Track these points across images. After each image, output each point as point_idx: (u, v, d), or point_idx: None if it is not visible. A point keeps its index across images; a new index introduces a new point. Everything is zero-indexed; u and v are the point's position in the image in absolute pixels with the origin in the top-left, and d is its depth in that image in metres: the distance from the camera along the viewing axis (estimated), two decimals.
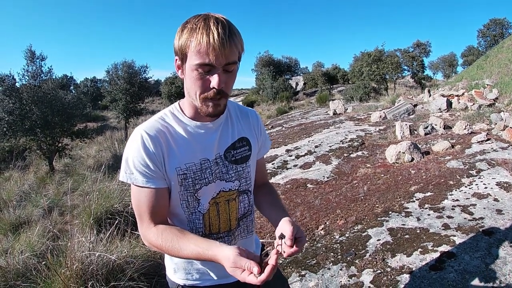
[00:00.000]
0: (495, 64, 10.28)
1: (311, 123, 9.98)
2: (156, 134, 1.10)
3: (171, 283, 1.35)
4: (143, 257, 2.97)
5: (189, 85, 1.07)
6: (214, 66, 0.99)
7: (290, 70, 35.46)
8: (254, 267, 0.91)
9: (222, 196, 1.23)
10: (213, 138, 1.19)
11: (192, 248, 1.04)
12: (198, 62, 0.99)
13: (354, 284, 2.39)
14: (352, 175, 4.89)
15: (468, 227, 2.82)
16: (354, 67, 24.22)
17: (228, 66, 1.02)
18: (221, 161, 1.21)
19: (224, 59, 0.99)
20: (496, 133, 5.72)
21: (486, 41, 30.29)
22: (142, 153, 1.08)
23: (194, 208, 1.19)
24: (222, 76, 1.02)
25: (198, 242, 1.04)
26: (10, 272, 2.81)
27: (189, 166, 1.14)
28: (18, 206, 5.75)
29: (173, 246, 1.07)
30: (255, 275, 0.91)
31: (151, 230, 1.12)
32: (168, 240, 1.08)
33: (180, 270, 1.30)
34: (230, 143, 1.24)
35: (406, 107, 8.97)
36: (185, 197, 1.17)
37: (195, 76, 1.02)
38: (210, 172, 1.18)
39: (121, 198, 4.33)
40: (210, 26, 0.97)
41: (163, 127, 1.13)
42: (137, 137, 1.10)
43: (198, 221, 1.21)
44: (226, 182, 1.23)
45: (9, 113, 10.11)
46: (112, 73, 18.18)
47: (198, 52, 0.98)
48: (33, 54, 11.16)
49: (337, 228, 3.37)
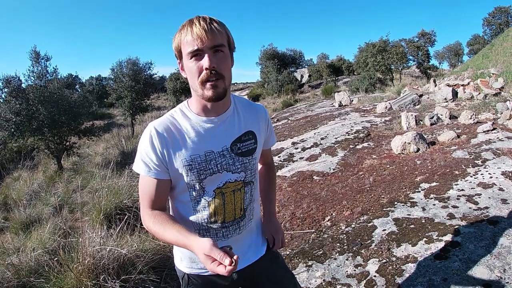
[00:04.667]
0: (500, 53, 10.20)
1: (317, 115, 9.97)
2: (163, 131, 1.23)
3: (179, 271, 1.45)
4: (152, 251, 3.03)
5: (189, 77, 1.19)
6: (202, 49, 1.13)
7: (295, 63, 35.22)
8: (226, 258, 0.98)
9: (228, 187, 1.31)
10: (218, 131, 1.28)
11: (173, 233, 1.15)
12: (189, 50, 1.14)
13: (360, 274, 2.43)
14: (358, 167, 4.91)
15: (473, 217, 2.83)
16: (359, 58, 23.96)
17: (215, 48, 1.14)
18: (227, 153, 1.29)
19: (209, 42, 1.12)
20: (502, 123, 5.69)
21: (491, 30, 29.93)
22: (149, 147, 1.22)
23: (200, 196, 1.28)
24: (211, 57, 1.13)
25: (180, 230, 1.15)
26: (22, 269, 2.87)
27: (194, 158, 1.24)
28: (28, 205, 5.84)
29: (159, 229, 1.19)
30: (225, 266, 0.98)
31: (148, 214, 1.26)
32: (157, 223, 1.21)
33: (186, 259, 1.39)
34: (236, 136, 1.32)
35: (411, 98, 8.93)
36: (192, 185, 1.26)
37: (191, 64, 1.16)
38: (215, 163, 1.26)
39: (130, 194, 4.39)
40: (194, 21, 1.14)
41: (171, 123, 1.25)
42: (147, 133, 1.24)
43: (204, 208, 1.30)
44: (233, 173, 1.31)
45: (16, 114, 10.21)
46: (117, 71, 18.26)
47: (187, 43, 1.14)
48: (38, 54, 11.25)
49: (343, 219, 3.40)
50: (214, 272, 1.01)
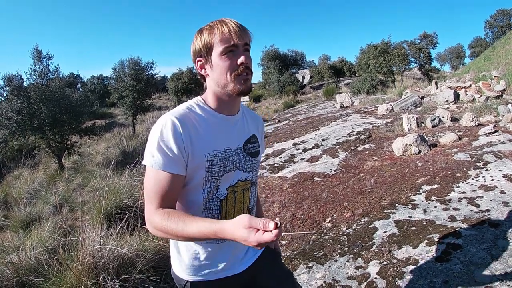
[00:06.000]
0: (502, 56, 10.17)
1: (318, 117, 9.97)
2: (185, 120, 1.17)
3: (178, 279, 1.37)
4: (153, 251, 3.02)
5: (218, 72, 1.20)
6: (238, 45, 1.17)
7: (296, 64, 35.27)
8: (269, 223, 0.91)
9: (239, 186, 1.32)
10: (234, 130, 1.32)
11: (198, 225, 1.04)
12: (225, 45, 1.16)
13: (361, 276, 2.42)
14: (359, 168, 4.90)
15: (475, 219, 2.83)
16: (360, 59, 24.00)
17: (247, 46, 1.20)
18: (241, 152, 1.32)
19: (244, 39, 1.18)
20: (504, 125, 5.69)
21: (493, 32, 29.89)
22: (170, 135, 1.13)
23: (213, 194, 1.25)
24: (245, 54, 1.19)
25: (205, 220, 1.05)
26: (22, 267, 2.86)
27: (216, 153, 1.22)
28: (29, 204, 5.83)
29: (177, 226, 1.07)
30: (271, 231, 0.91)
31: (158, 212, 1.13)
32: (173, 220, 1.08)
33: (187, 266, 1.32)
34: (247, 137, 1.37)
35: (413, 100, 8.92)
36: (209, 182, 1.23)
37: (224, 59, 1.17)
38: (232, 160, 1.27)
39: (131, 194, 4.37)
40: (226, 20, 1.19)
41: (190, 115, 1.21)
42: (166, 121, 1.14)
43: (215, 207, 1.27)
44: (244, 172, 1.33)
45: (18, 112, 10.23)
46: (119, 70, 18.25)
47: (222, 39, 1.16)
48: (40, 53, 11.26)
49: (344, 220, 3.39)
50: (261, 241, 0.91)
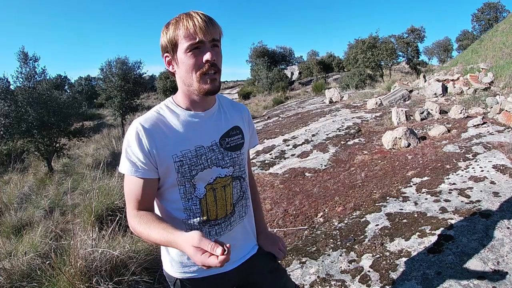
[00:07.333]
0: (489, 48, 10.28)
1: (308, 112, 9.99)
2: (151, 126, 1.18)
3: (169, 277, 1.38)
4: (145, 252, 3.00)
5: (184, 70, 1.17)
6: (203, 42, 1.12)
7: (285, 60, 35.35)
8: (217, 248, 0.92)
9: (219, 182, 1.29)
10: (207, 126, 1.28)
11: (159, 232, 1.08)
12: (190, 43, 1.12)
13: (354, 269, 2.43)
14: (350, 162, 4.92)
15: (465, 210, 2.85)
16: (349, 54, 24.04)
17: (214, 42, 1.15)
18: (217, 148, 1.28)
19: (210, 35, 1.13)
20: (492, 117, 5.75)
21: (480, 25, 30.16)
22: (135, 144, 1.16)
23: (190, 193, 1.24)
24: (212, 51, 1.14)
25: (166, 227, 1.09)
26: (15, 273, 2.82)
27: (184, 153, 1.21)
28: (19, 209, 5.75)
29: (144, 229, 1.13)
30: (217, 256, 0.92)
31: (133, 215, 1.20)
32: (142, 223, 1.14)
33: (176, 263, 1.33)
34: (225, 130, 1.32)
35: (401, 93, 8.97)
36: (183, 182, 1.22)
37: (189, 57, 1.13)
38: (205, 158, 1.24)
39: (121, 195, 4.34)
40: (192, 14, 1.13)
41: (158, 119, 1.21)
42: (131, 130, 1.19)
43: (195, 207, 1.26)
44: (222, 168, 1.29)
45: (5, 116, 10.06)
46: (106, 71, 18.04)
47: (187, 35, 1.11)
48: (26, 55, 11.09)
49: (336, 215, 3.40)
50: (205, 264, 0.93)
